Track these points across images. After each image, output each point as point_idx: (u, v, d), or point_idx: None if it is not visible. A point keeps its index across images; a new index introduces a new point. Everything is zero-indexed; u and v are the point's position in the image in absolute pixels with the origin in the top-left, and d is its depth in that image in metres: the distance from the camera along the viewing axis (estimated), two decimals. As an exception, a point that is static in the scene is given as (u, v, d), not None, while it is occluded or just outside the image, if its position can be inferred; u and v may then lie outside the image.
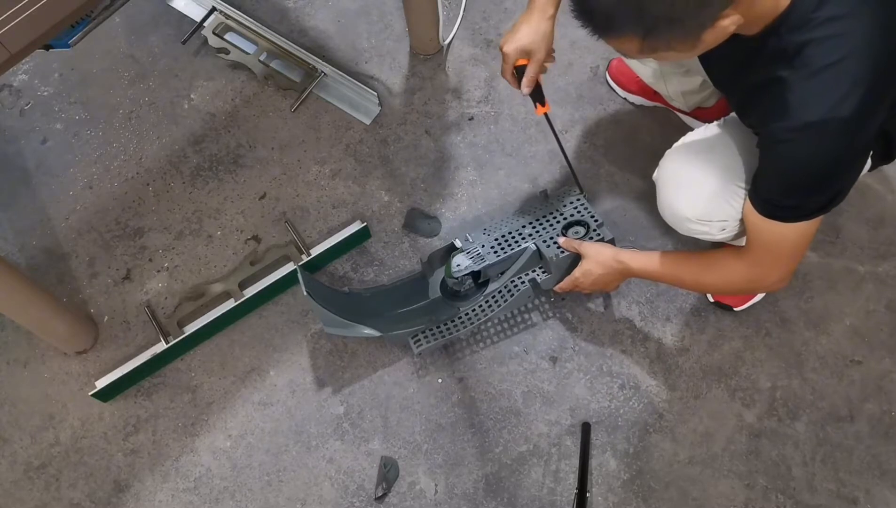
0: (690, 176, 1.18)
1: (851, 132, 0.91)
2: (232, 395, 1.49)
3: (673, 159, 1.23)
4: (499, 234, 1.47)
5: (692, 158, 1.19)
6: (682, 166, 1.20)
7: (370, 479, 1.40)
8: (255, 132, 1.75)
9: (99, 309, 1.59)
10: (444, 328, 1.45)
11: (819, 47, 0.87)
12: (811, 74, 0.88)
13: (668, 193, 1.22)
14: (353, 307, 1.47)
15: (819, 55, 0.87)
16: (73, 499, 1.42)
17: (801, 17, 0.88)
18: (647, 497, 1.37)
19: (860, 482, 1.36)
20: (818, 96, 0.88)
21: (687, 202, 1.18)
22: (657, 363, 1.47)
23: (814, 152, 0.92)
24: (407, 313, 1.49)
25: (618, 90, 1.74)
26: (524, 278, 1.44)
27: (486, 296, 1.46)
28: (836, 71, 0.87)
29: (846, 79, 0.87)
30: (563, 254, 1.39)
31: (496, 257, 1.43)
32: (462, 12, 1.87)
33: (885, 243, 1.55)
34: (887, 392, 1.43)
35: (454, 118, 1.75)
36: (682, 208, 1.19)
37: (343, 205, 1.66)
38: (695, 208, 1.17)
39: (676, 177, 1.21)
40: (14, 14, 0.99)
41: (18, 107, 1.83)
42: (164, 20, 1.92)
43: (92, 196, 1.71)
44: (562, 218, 1.45)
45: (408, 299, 1.51)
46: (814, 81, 0.88)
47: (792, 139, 0.92)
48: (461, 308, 1.47)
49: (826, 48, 0.87)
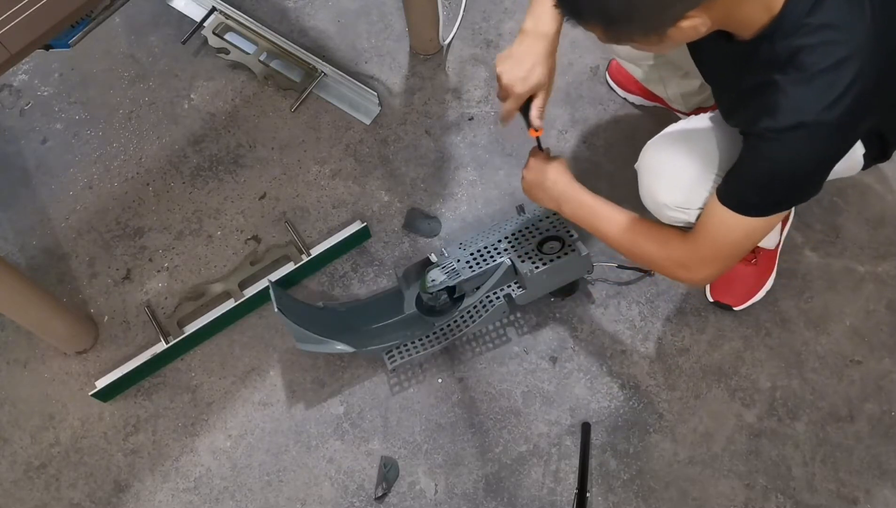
0: (670, 164, 1.18)
1: (837, 137, 0.92)
2: (232, 395, 1.49)
3: (654, 148, 1.23)
4: (474, 248, 1.45)
5: (672, 147, 1.20)
6: (663, 155, 1.20)
7: (370, 479, 1.40)
8: (255, 132, 1.76)
9: (99, 309, 1.59)
10: (419, 342, 1.45)
11: (812, 53, 0.88)
12: (803, 79, 0.89)
13: (649, 181, 1.22)
14: (328, 322, 1.46)
15: (812, 60, 0.88)
16: (73, 499, 1.42)
17: (794, 22, 0.88)
18: (647, 497, 1.37)
19: (860, 482, 1.36)
20: (808, 100, 0.89)
21: (667, 190, 1.18)
22: (657, 363, 1.47)
23: (797, 154, 0.93)
24: (382, 329, 1.48)
25: (618, 90, 1.74)
26: (499, 293, 1.43)
27: (460, 311, 1.46)
28: (827, 76, 0.87)
29: (837, 85, 0.87)
30: (539, 270, 1.38)
31: (471, 272, 1.41)
32: (462, 12, 1.87)
33: (885, 243, 1.55)
34: (887, 392, 1.43)
35: (454, 118, 1.75)
36: (662, 196, 1.19)
37: (343, 205, 1.66)
38: (674, 195, 1.17)
39: (657, 165, 1.21)
40: (14, 14, 1.00)
41: (18, 107, 1.83)
42: (164, 20, 1.92)
43: (92, 196, 1.71)
44: (538, 233, 1.43)
45: (383, 313, 1.50)
46: (805, 86, 0.89)
47: (777, 139, 0.92)
48: (436, 324, 1.46)
49: (819, 54, 0.87)
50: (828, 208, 1.59)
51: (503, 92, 1.18)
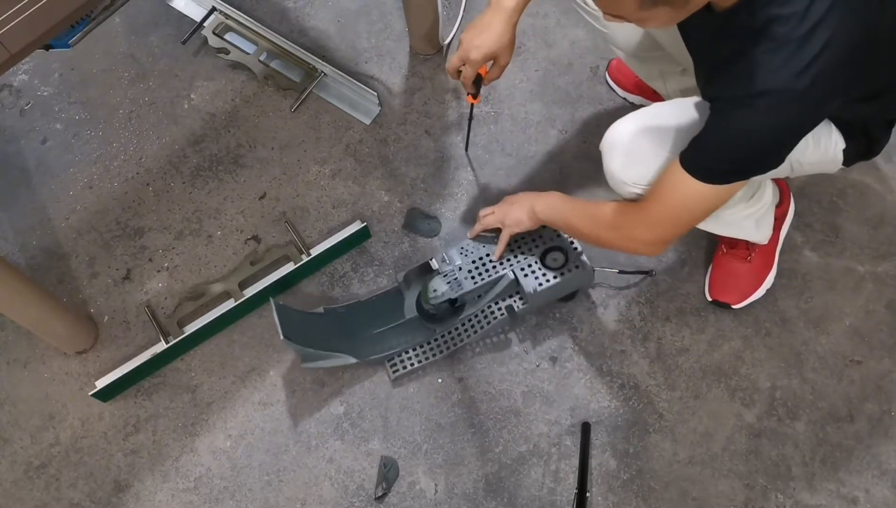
0: (629, 142, 1.19)
1: (804, 107, 0.93)
2: (232, 395, 1.49)
3: (615, 128, 1.23)
4: (476, 257, 1.44)
5: (632, 125, 1.20)
6: (622, 133, 1.21)
7: (370, 479, 1.40)
8: (255, 132, 1.76)
9: (99, 309, 1.59)
10: (421, 351, 1.46)
11: (785, 23, 0.89)
12: (774, 48, 0.90)
13: (609, 158, 1.22)
14: (330, 329, 1.46)
15: (784, 30, 0.89)
16: (73, 499, 1.42)
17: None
18: (647, 497, 1.37)
19: (860, 482, 1.36)
20: (777, 68, 0.90)
21: (624, 166, 1.19)
22: (657, 363, 1.47)
23: (764, 121, 0.94)
24: (383, 334, 1.48)
25: (617, 90, 1.74)
26: (501, 304, 1.44)
27: (461, 319, 1.45)
28: (796, 45, 0.89)
29: (806, 53, 0.89)
30: (542, 288, 1.38)
31: (473, 284, 1.41)
32: (462, 12, 1.87)
33: (885, 243, 1.55)
34: (887, 392, 1.43)
35: (454, 118, 1.75)
36: (620, 172, 1.20)
37: (343, 205, 1.66)
38: (632, 171, 1.18)
39: (616, 143, 1.21)
40: (14, 14, 1.00)
41: (18, 107, 1.83)
42: (164, 20, 1.92)
43: (92, 196, 1.71)
44: (541, 242, 1.43)
45: (384, 315, 1.50)
46: (775, 54, 0.90)
47: (746, 105, 0.94)
48: (437, 330, 1.46)
49: (791, 24, 0.89)
50: (828, 208, 1.59)
51: (459, 57, 1.29)
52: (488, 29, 1.25)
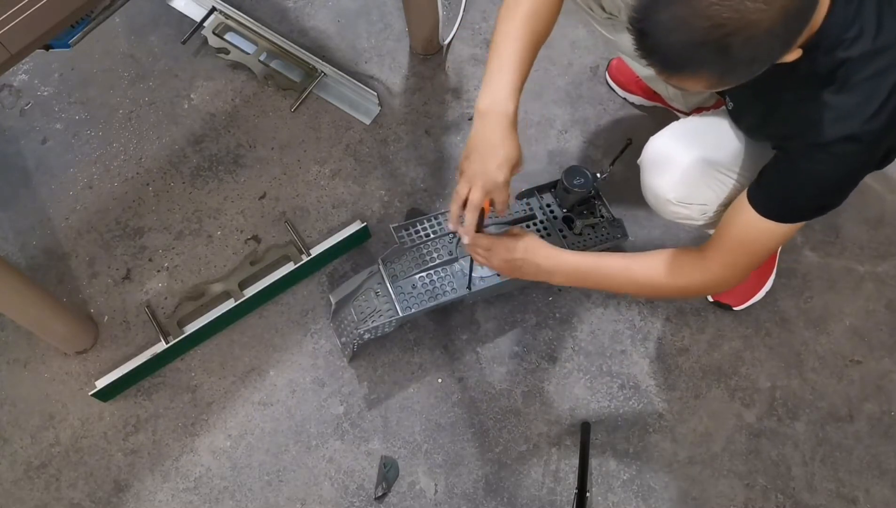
0: (672, 158, 1.18)
1: (879, 147, 0.93)
2: (232, 395, 1.49)
3: (657, 143, 1.23)
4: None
5: (676, 142, 1.20)
6: (666, 150, 1.20)
7: (370, 479, 1.40)
8: (255, 132, 1.76)
9: (99, 309, 1.59)
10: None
11: (853, 66, 0.89)
12: (846, 90, 0.89)
13: (651, 176, 1.22)
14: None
15: (853, 73, 0.89)
16: (73, 499, 1.42)
17: (834, 38, 0.89)
18: (647, 496, 1.37)
19: (860, 482, 1.36)
20: (853, 112, 0.90)
21: (669, 185, 1.18)
22: (657, 362, 1.47)
23: (843, 164, 0.94)
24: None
25: (618, 90, 1.74)
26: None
27: None
28: (868, 87, 0.88)
29: (879, 94, 0.88)
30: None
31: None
32: (462, 12, 1.87)
33: (885, 243, 1.55)
34: (887, 392, 1.43)
35: (454, 118, 1.75)
36: (663, 190, 1.19)
37: (343, 205, 1.66)
38: (677, 191, 1.17)
39: (660, 160, 1.21)
40: (14, 14, 1.00)
41: (18, 107, 1.83)
42: (164, 20, 1.92)
43: (92, 196, 1.71)
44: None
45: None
46: (848, 98, 0.89)
47: (821, 149, 0.93)
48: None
49: (859, 66, 0.88)
50: (828, 208, 1.59)
51: (463, 190, 1.08)
52: (496, 149, 1.04)
